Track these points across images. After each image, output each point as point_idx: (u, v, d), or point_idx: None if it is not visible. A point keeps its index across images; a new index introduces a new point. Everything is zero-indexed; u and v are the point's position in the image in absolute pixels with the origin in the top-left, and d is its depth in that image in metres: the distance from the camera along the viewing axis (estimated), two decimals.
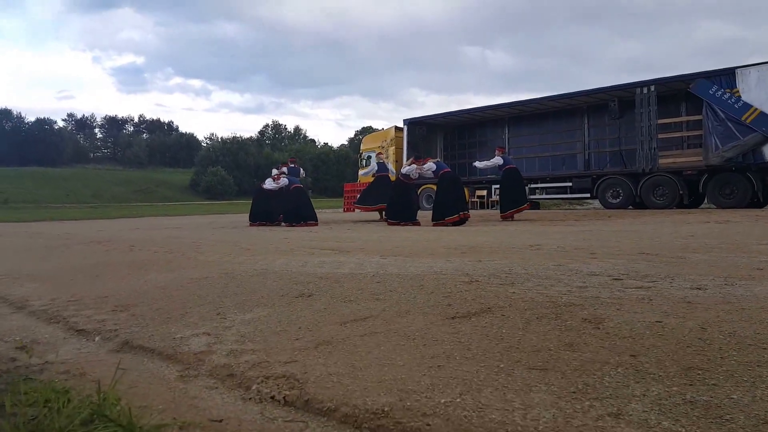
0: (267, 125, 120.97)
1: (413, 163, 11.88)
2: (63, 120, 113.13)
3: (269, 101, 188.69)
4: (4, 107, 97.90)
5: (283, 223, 11.59)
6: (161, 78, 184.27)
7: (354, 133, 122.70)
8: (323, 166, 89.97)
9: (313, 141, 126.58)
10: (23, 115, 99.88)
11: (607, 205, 18.45)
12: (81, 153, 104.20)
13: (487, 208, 21.73)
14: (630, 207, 17.83)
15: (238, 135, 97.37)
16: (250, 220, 12.01)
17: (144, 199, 63.65)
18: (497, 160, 12.79)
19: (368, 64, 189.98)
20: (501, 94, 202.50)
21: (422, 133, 24.72)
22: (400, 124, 24.88)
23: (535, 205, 20.98)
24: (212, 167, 75.43)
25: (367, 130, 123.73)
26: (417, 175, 11.85)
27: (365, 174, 18.08)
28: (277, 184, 11.83)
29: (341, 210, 26.86)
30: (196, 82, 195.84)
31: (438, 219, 10.74)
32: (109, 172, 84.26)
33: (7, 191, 53.92)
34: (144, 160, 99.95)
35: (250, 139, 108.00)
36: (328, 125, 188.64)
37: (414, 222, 11.26)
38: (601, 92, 19.44)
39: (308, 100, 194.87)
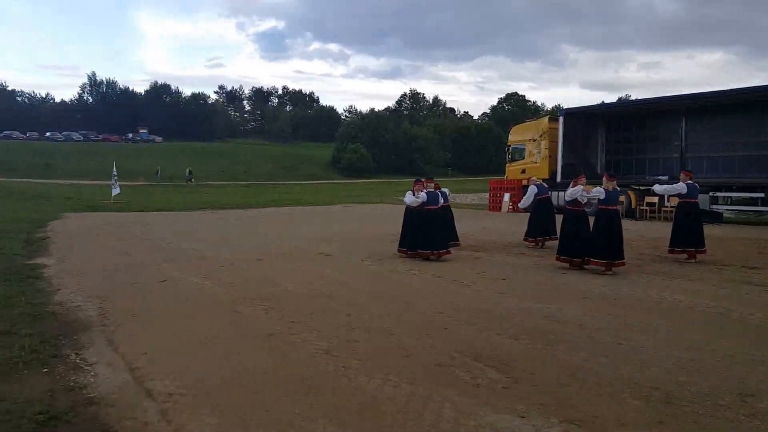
0: (405, 94, 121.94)
1: (578, 183, 10.83)
2: (215, 92, 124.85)
3: (405, 64, 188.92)
4: (163, 82, 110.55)
5: (433, 252, 11.22)
6: (301, 44, 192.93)
7: (497, 99, 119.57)
8: (464, 142, 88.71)
9: (452, 110, 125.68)
10: (180, 89, 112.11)
11: None
12: (232, 127, 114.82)
13: (658, 214, 19.74)
14: None
15: (376, 109, 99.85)
16: (398, 246, 11.89)
17: (290, 177, 67.91)
18: (681, 187, 11.27)
19: (513, 17, 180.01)
20: (666, 49, 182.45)
21: (581, 124, 23.00)
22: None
23: (718, 217, 18.56)
24: (352, 144, 78.11)
25: (511, 96, 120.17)
26: (585, 200, 10.81)
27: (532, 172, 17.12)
28: (417, 198, 11.53)
29: (487, 204, 26.23)
30: (334, 47, 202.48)
31: (599, 257, 9.79)
32: (258, 147, 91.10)
33: (168, 168, 60.45)
34: (288, 134, 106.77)
35: (388, 109, 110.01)
36: (468, 89, 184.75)
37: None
38: None
39: (446, 62, 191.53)
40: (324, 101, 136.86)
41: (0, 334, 5.76)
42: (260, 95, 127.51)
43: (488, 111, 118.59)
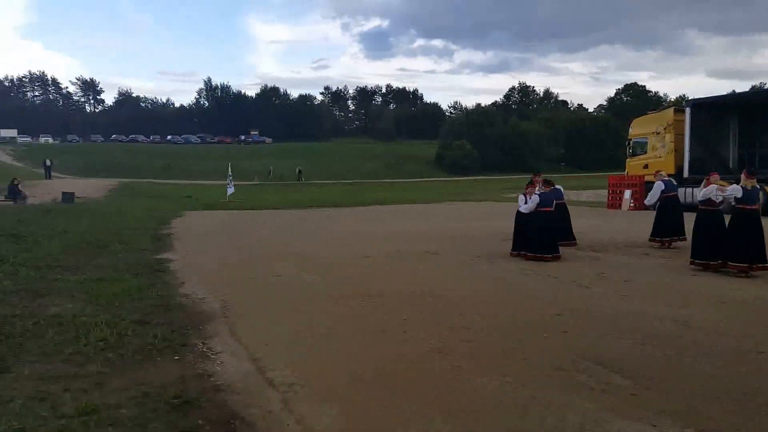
0: (513, 88, 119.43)
1: (710, 182, 10.05)
2: (320, 93, 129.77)
3: (514, 57, 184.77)
4: (272, 85, 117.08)
5: (540, 256, 10.90)
6: (405, 41, 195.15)
7: (614, 91, 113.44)
8: (578, 136, 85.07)
9: (564, 103, 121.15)
10: (288, 92, 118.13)
11: None
12: (337, 127, 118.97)
13: None
14: None
15: (482, 104, 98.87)
16: (512, 249, 11.64)
17: (393, 175, 68.74)
18: None
19: (631, 3, 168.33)
20: None
21: (710, 116, 21.28)
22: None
23: None
24: (457, 141, 77.44)
25: (630, 87, 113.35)
26: (719, 199, 9.99)
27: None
28: (530, 203, 11.19)
29: (604, 201, 24.97)
30: (438, 43, 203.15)
31: (738, 260, 9.03)
32: (362, 146, 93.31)
33: (277, 168, 63.46)
34: (392, 132, 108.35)
35: (495, 104, 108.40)
36: (582, 80, 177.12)
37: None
38: None
39: (557, 53, 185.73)
40: (428, 98, 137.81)
41: (136, 323, 6.36)
42: (364, 94, 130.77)
43: (604, 103, 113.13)
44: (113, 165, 63.05)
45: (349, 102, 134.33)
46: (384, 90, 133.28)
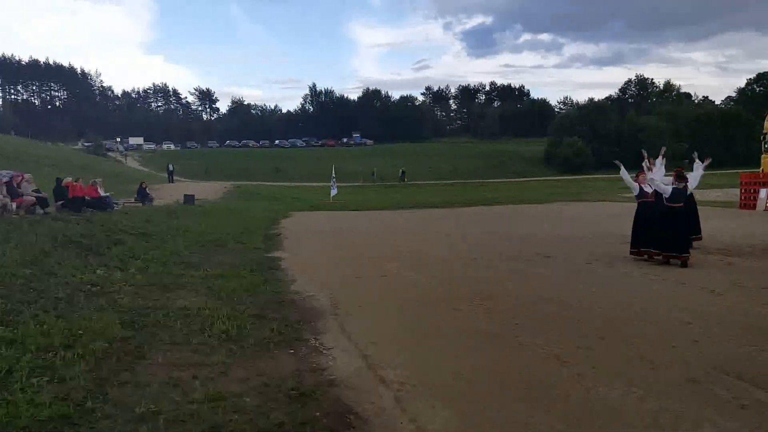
0: (629, 81, 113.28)
1: None
2: (421, 94, 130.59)
3: (629, 48, 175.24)
4: (374, 88, 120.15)
5: (671, 255, 10.17)
6: (510, 37, 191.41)
7: (745, 81, 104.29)
8: (703, 130, 79.05)
9: (688, 95, 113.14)
10: (389, 94, 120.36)
11: None
12: (439, 127, 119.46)
13: None
14: None
15: (595, 99, 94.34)
16: (631, 246, 11.01)
17: (497, 174, 67.52)
18: None
19: None
20: None
21: None
22: None
23: None
24: (568, 137, 74.43)
25: (762, 77, 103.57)
26: None
27: None
28: (661, 182, 10.40)
29: (736, 201, 23.05)
30: (546, 37, 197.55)
31: None
32: (464, 146, 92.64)
33: (379, 169, 64.51)
34: (496, 131, 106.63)
35: (609, 98, 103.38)
36: (706, 70, 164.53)
37: None
38: None
39: (678, 42, 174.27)
40: (535, 94, 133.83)
41: (253, 317, 6.73)
42: (466, 93, 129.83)
43: (734, 94, 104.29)
44: (228, 169, 67.14)
45: (451, 101, 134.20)
46: (488, 88, 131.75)
